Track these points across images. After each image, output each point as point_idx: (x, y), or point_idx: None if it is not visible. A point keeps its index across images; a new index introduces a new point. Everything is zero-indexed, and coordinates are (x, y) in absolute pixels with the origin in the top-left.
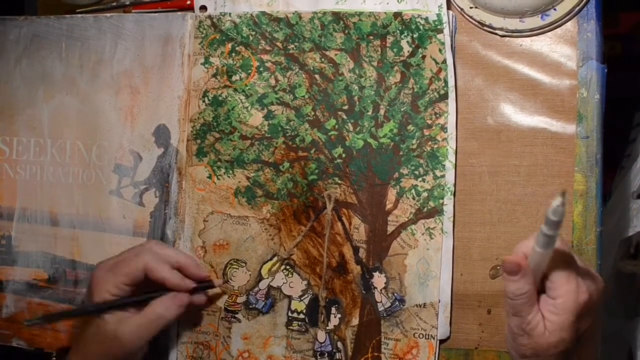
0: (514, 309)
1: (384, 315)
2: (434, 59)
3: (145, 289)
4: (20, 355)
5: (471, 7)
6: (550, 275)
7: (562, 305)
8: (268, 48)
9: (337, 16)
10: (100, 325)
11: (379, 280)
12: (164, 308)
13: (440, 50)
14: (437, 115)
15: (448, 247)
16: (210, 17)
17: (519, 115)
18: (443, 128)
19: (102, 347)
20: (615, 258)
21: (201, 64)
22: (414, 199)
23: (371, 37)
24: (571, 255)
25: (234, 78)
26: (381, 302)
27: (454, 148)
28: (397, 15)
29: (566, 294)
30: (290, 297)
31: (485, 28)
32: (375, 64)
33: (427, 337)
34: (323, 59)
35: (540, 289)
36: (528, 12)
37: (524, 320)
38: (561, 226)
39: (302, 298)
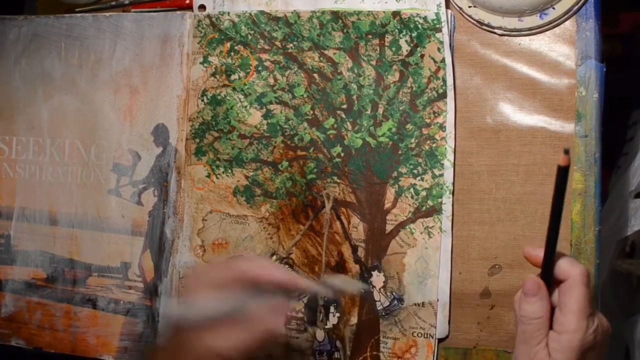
0: (524, 334)
1: (383, 314)
2: (433, 58)
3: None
4: (20, 355)
5: (470, 6)
6: (564, 308)
7: (568, 343)
8: (267, 47)
9: (336, 15)
10: (195, 343)
11: (377, 279)
12: (272, 321)
13: (438, 49)
14: (436, 114)
15: (447, 246)
16: (209, 16)
17: (517, 114)
18: (442, 127)
19: None
20: (611, 257)
21: (200, 63)
22: (412, 198)
23: (370, 36)
24: (590, 293)
25: (232, 77)
26: (380, 301)
27: (453, 147)
28: (395, 14)
29: (574, 331)
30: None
31: (484, 27)
32: (373, 63)
33: (425, 336)
34: (322, 58)
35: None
36: (527, 11)
37: (531, 350)
38: None
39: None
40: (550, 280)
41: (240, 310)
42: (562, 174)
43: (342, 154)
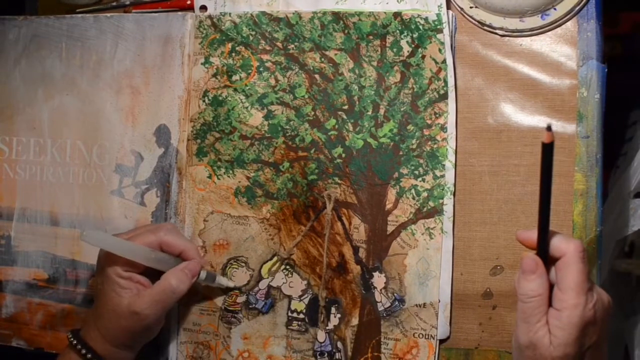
0: (524, 313)
1: (384, 315)
2: (434, 59)
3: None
4: (20, 355)
5: (471, 7)
6: (562, 285)
7: (568, 319)
8: (268, 48)
9: (337, 16)
10: (115, 300)
11: (378, 280)
12: (177, 280)
13: (440, 50)
14: (437, 115)
15: (448, 247)
16: (210, 17)
17: (519, 114)
18: (443, 128)
19: (120, 322)
20: (610, 257)
21: (201, 64)
22: (413, 198)
23: (371, 37)
24: (587, 268)
25: (234, 78)
26: (381, 302)
27: (454, 148)
28: (396, 15)
29: (574, 307)
30: (290, 297)
31: (485, 28)
32: (375, 63)
33: (427, 337)
34: (323, 59)
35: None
36: (528, 11)
37: (531, 328)
38: None
39: (302, 298)
40: (547, 258)
41: (152, 261)
42: (547, 151)
43: (344, 155)
